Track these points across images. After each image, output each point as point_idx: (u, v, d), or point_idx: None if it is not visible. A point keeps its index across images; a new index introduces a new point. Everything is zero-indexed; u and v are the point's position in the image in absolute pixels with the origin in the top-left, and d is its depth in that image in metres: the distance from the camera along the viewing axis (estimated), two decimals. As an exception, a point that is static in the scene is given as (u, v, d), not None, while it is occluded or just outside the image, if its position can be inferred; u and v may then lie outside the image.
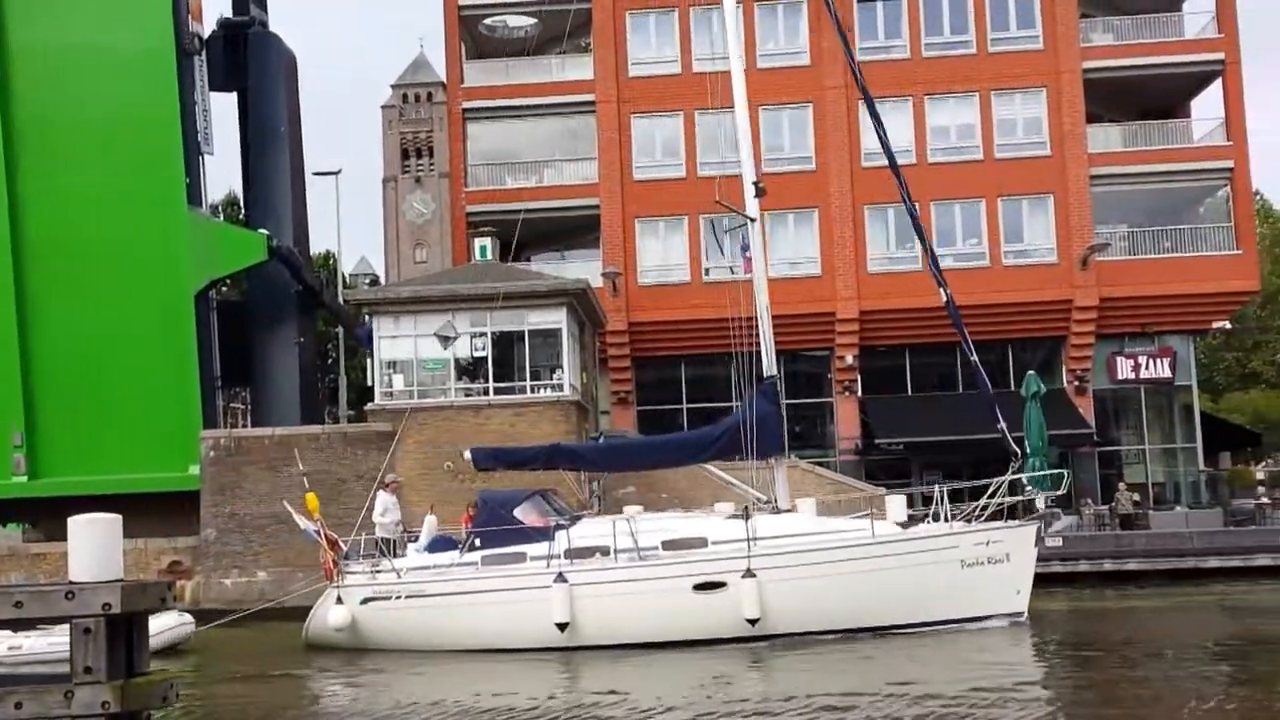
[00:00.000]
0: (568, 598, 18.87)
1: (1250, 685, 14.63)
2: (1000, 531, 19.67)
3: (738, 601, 18.66)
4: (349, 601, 19.92)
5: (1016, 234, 34.78)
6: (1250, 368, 60.14)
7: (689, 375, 35.96)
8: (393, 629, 19.89)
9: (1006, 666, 16.62)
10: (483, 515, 20.45)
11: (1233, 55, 34.65)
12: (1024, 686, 15.05)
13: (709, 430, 23.02)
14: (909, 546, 19.32)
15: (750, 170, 22.84)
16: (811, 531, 19.85)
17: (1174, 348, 35.29)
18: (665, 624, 18.86)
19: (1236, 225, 35.04)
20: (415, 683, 17.41)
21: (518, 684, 16.31)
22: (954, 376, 35.46)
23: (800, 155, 35.24)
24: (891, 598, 18.95)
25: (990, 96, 34.88)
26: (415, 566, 20.27)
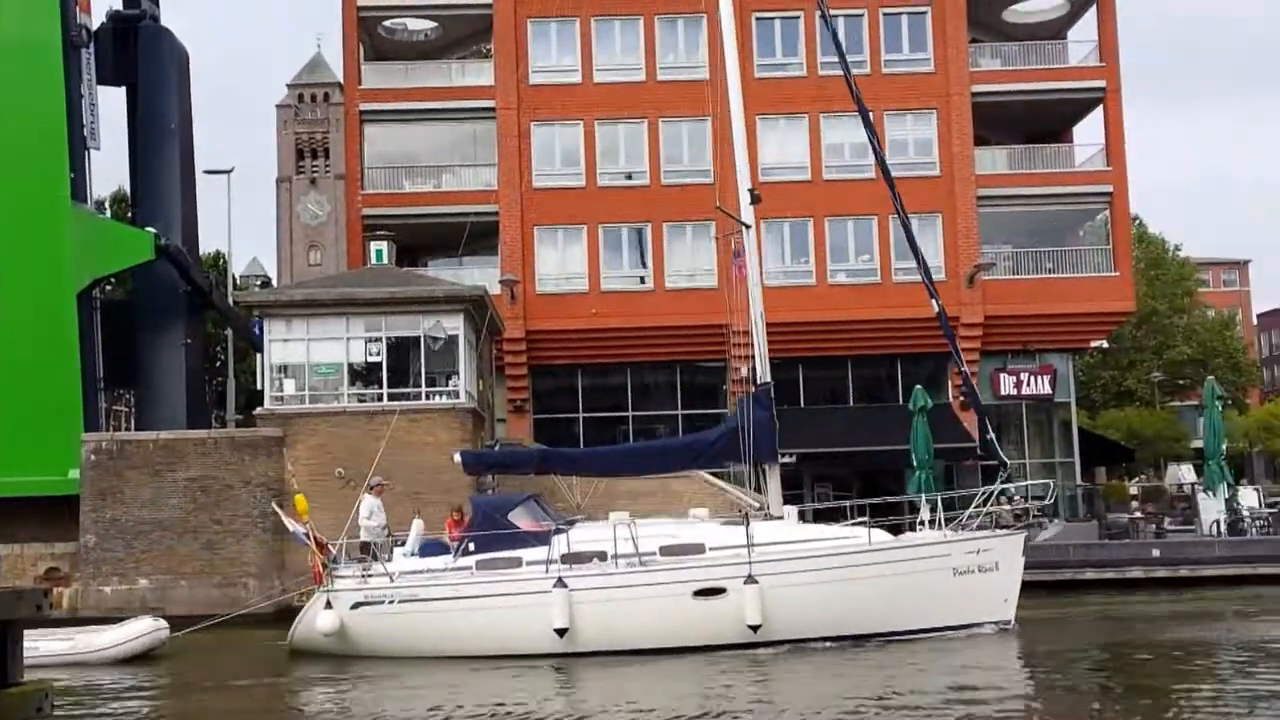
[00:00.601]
0: (567, 603, 18.59)
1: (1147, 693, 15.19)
2: (991, 540, 19.88)
3: (739, 608, 18.57)
4: (339, 606, 19.45)
5: (907, 251, 35.52)
6: (1125, 385, 62.41)
7: (586, 384, 36.07)
8: (384, 634, 19.44)
9: (1004, 673, 16.98)
10: (476, 519, 20.17)
11: (1114, 84, 36.02)
12: (1019, 691, 15.42)
13: (704, 436, 23.01)
14: (905, 554, 19.45)
15: (746, 178, 22.87)
16: (808, 538, 19.94)
17: (1054, 365, 36.53)
18: (665, 630, 18.70)
19: (1115, 248, 36.41)
20: (408, 690, 16.99)
21: (516, 691, 16.15)
22: (846, 389, 36.24)
23: (698, 168, 35.62)
24: (887, 605, 19.03)
25: (883, 116, 35.68)
26: (408, 570, 19.82)
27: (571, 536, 19.36)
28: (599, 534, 19.53)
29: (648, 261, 36.03)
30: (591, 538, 19.46)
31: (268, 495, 26.13)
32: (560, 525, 19.99)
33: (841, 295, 35.18)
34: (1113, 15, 36.39)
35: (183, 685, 18.46)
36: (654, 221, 35.32)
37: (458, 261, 37.10)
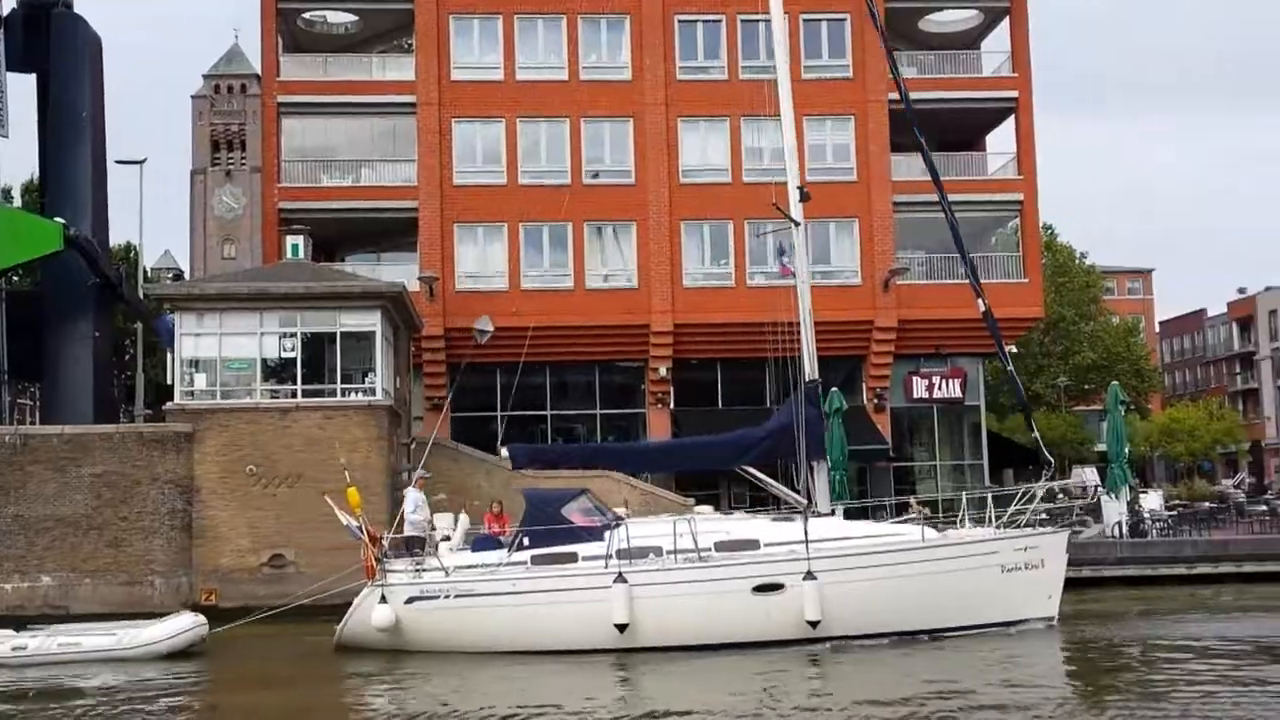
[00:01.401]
0: (628, 598, 18.48)
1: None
2: (1037, 538, 20.28)
3: (798, 604, 18.60)
4: (393, 601, 19.20)
5: (824, 255, 36.09)
6: (1033, 390, 63.86)
7: (504, 382, 35.91)
8: (439, 629, 19.25)
9: (1055, 670, 17.43)
10: (529, 513, 19.96)
11: (1025, 94, 36.86)
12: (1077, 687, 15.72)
13: (752, 432, 22.93)
14: (956, 551, 19.62)
15: (795, 175, 22.74)
16: (863, 535, 20.07)
17: (965, 369, 37.26)
18: (723, 626, 18.67)
19: (1025, 255, 37.23)
20: (469, 685, 16.86)
21: (578, 687, 16.13)
22: (762, 391, 36.54)
23: (620, 169, 35.76)
24: (939, 601, 19.21)
25: (802, 120, 36.04)
26: (463, 565, 19.65)
27: (624, 532, 19.28)
28: (653, 529, 19.53)
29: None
30: (646, 533, 19.41)
31: (176, 492, 25.73)
32: (611, 520, 20.00)
33: (760, 298, 35.45)
34: (1025, 27, 37.25)
35: (238, 681, 18.42)
36: (575, 221, 35.32)
37: (376, 258, 36.82)
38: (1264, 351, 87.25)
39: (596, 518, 20.14)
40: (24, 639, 19.49)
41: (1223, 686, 14.72)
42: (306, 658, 19.94)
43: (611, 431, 36.37)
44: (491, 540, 20.54)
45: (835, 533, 19.71)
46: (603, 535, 19.47)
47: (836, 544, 19.21)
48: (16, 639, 19.51)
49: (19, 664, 19.02)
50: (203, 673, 18.94)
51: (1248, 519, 33.60)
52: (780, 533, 19.61)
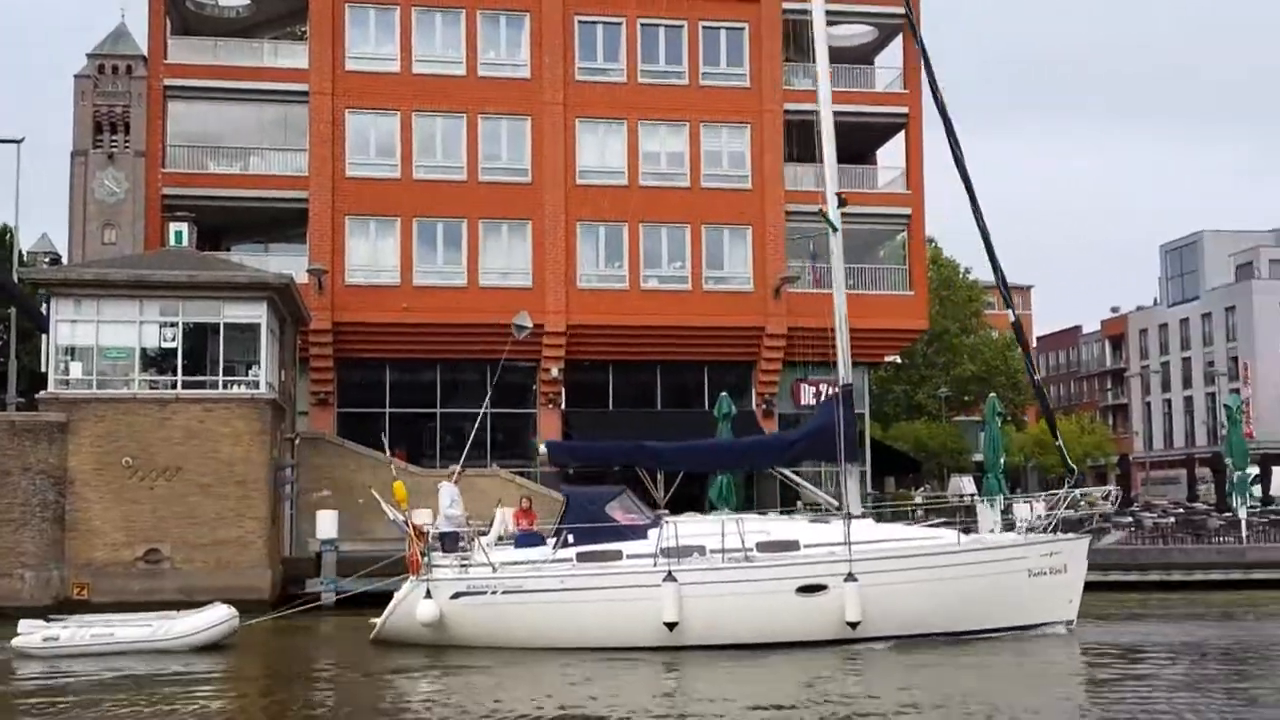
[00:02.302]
0: (677, 597, 18.49)
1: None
2: (1061, 543, 20.55)
3: (839, 604, 18.77)
4: (438, 596, 18.99)
5: (717, 261, 36.43)
6: (915, 400, 65.42)
7: (394, 379, 35.53)
8: (486, 625, 19.06)
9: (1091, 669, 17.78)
10: (572, 511, 19.93)
11: (916, 111, 37.67)
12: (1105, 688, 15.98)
13: (788, 435, 23.28)
14: (987, 555, 19.94)
15: (834, 182, 22.84)
16: (896, 538, 20.24)
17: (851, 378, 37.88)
18: (767, 625, 18.81)
19: (911, 268, 38.06)
20: (518, 682, 16.61)
21: (631, 683, 16.07)
22: (654, 393, 36.76)
23: (516, 167, 35.60)
24: (970, 603, 19.50)
25: (699, 127, 36.43)
26: (509, 561, 19.44)
27: (667, 531, 19.24)
28: (696, 529, 19.55)
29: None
30: (690, 532, 19.36)
31: (48, 483, 24.86)
32: (652, 519, 19.97)
33: (653, 301, 35.72)
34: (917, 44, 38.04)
35: (287, 675, 18.04)
36: (470, 218, 35.07)
37: (263, 248, 36.03)
38: (1134, 369, 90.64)
39: (637, 516, 20.18)
40: (55, 630, 19.08)
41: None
42: (346, 651, 19.72)
43: (502, 431, 36.16)
44: (534, 537, 20.45)
45: (871, 535, 19.91)
46: (645, 533, 19.52)
47: (875, 546, 19.46)
48: (48, 629, 19.08)
49: (51, 655, 18.58)
50: (247, 666, 18.76)
51: (1120, 530, 34.81)
52: (817, 534, 19.82)
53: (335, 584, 25.62)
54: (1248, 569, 28.23)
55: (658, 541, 19.11)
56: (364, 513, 30.08)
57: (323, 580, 25.85)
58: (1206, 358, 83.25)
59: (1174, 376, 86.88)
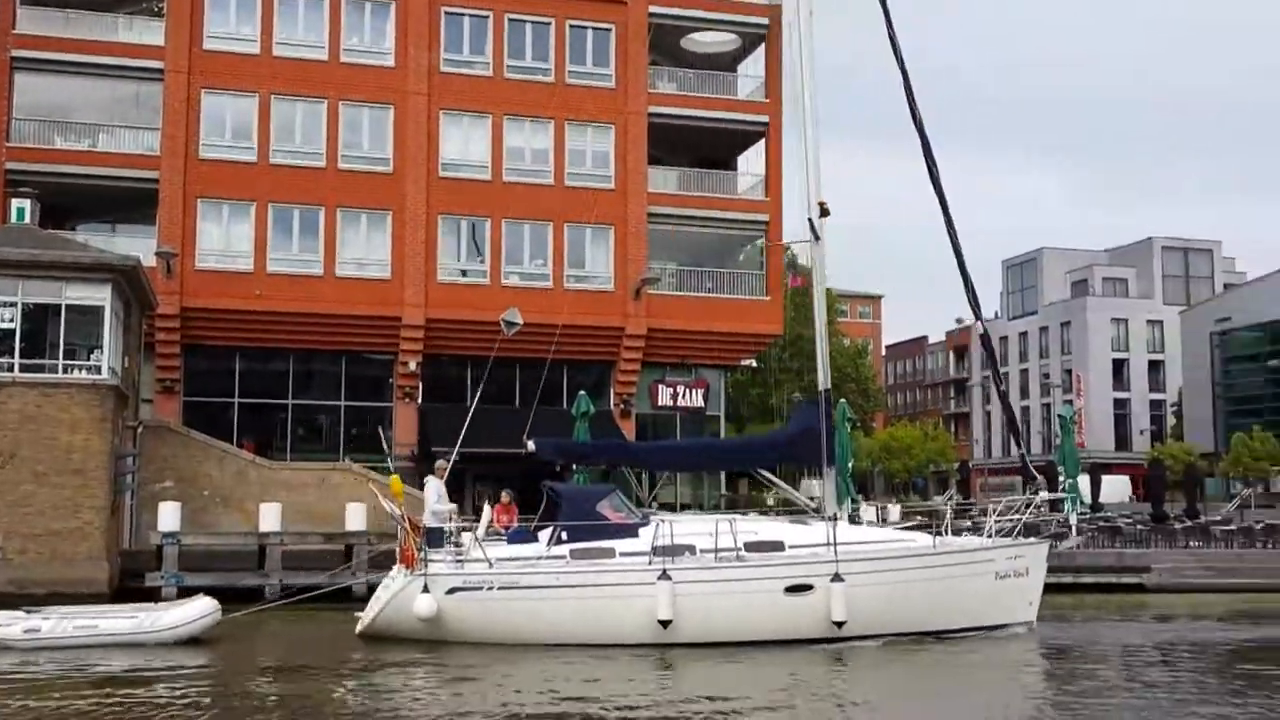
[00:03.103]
0: (671, 595, 18.81)
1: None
2: (1024, 547, 21.41)
3: (825, 604, 19.28)
4: (435, 590, 18.97)
5: (579, 260, 36.54)
6: (770, 404, 66.59)
7: (243, 368, 34.60)
8: (482, 621, 19.14)
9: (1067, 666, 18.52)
10: (563, 508, 20.16)
11: (776, 120, 38.40)
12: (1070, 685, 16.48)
13: (773, 437, 24.02)
14: (962, 558, 20.66)
15: (816, 191, 22.98)
16: (873, 540, 20.84)
17: (708, 380, 38.51)
18: (757, 624, 19.19)
19: (768, 274, 38.82)
20: (516, 675, 16.69)
21: (623, 680, 16.37)
22: (513, 390, 36.59)
23: (378, 156, 35.08)
24: (943, 604, 20.15)
25: (564, 125, 36.48)
26: (504, 557, 19.54)
27: (659, 530, 19.55)
28: (686, 528, 19.96)
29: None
30: (680, 532, 19.71)
31: None
32: (641, 518, 20.35)
33: (514, 297, 35.54)
34: (778, 54, 38.78)
35: (277, 669, 17.78)
36: (328, 206, 34.40)
37: (111, 228, 34.69)
38: (975, 379, 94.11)
39: (626, 514, 20.49)
40: (36, 621, 18.48)
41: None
42: (333, 645, 19.58)
43: (356, 425, 35.59)
44: (526, 533, 20.55)
45: (850, 537, 20.40)
46: (636, 532, 19.86)
47: (858, 548, 20.01)
48: (28, 621, 18.46)
49: (31, 647, 17.99)
50: (241, 659, 18.54)
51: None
52: (801, 535, 20.42)
53: (177, 578, 24.86)
54: (1077, 573, 29.54)
55: (652, 540, 19.49)
56: (208, 505, 29.34)
57: (163, 574, 25.05)
58: (1043, 370, 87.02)
59: (1012, 387, 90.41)
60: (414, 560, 19.46)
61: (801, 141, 23.18)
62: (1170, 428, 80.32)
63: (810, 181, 22.95)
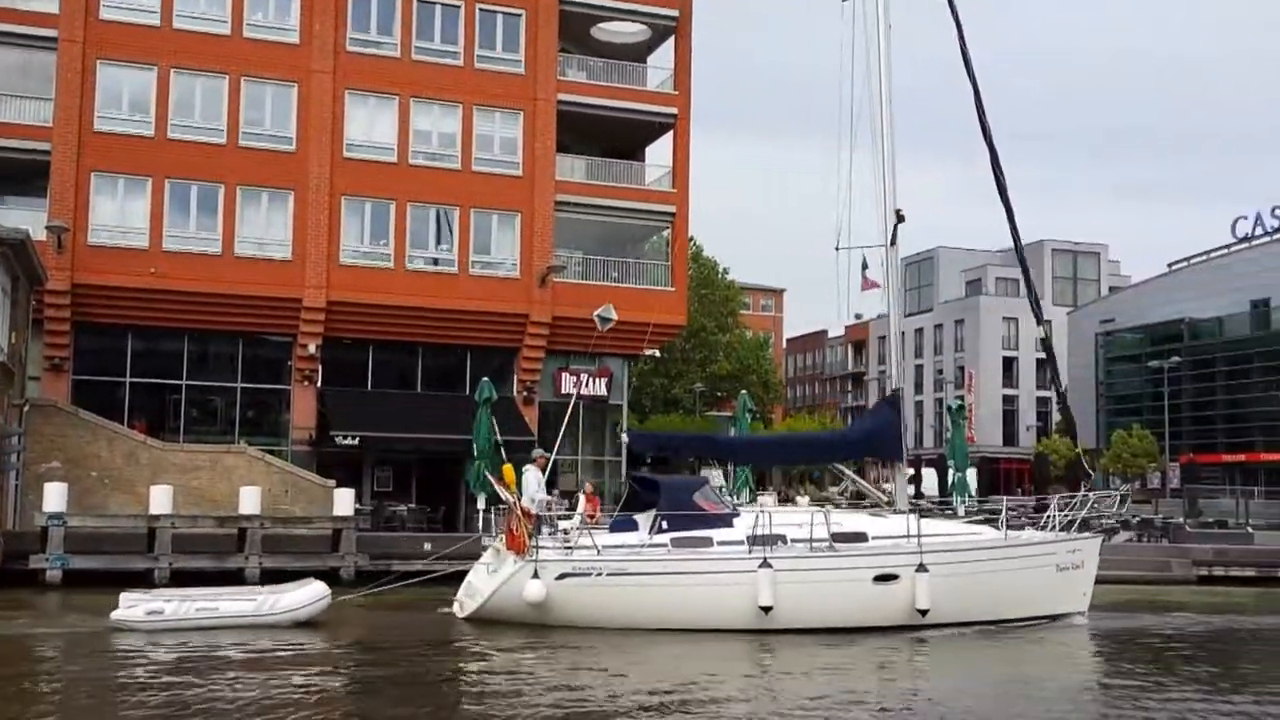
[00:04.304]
0: (772, 582, 19.59)
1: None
2: (1082, 541, 22.44)
3: (910, 593, 20.23)
4: (545, 576, 19.56)
5: (485, 245, 36.35)
6: (672, 394, 67.14)
7: (136, 347, 33.72)
8: (589, 606, 19.71)
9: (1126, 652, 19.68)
10: (664, 499, 20.76)
11: (684, 112, 38.62)
12: None
13: (845, 433, 26.39)
14: (1029, 550, 21.74)
15: (892, 198, 23.99)
16: (946, 533, 21.91)
17: (611, 369, 38.61)
18: (847, 611, 20.06)
19: (673, 265, 39.04)
20: (628, 661, 17.14)
21: (745, 660, 17.31)
22: (414, 375, 36.33)
23: (281, 134, 34.44)
24: (1013, 594, 21.22)
25: (473, 110, 36.22)
26: (610, 545, 20.24)
27: (763, 520, 20.49)
28: (779, 519, 20.86)
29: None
30: (774, 522, 20.60)
31: None
32: (732, 509, 21.41)
33: (418, 282, 35.32)
34: (688, 47, 39.06)
35: (397, 651, 17.86)
36: (228, 183, 33.68)
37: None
38: (872, 373, 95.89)
39: (719, 505, 21.36)
40: (159, 603, 18.73)
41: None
42: (440, 628, 20.01)
43: (253, 408, 34.98)
44: (629, 521, 21.07)
45: (927, 529, 21.34)
46: (730, 522, 20.70)
47: (938, 539, 21.10)
48: (152, 603, 18.70)
49: (154, 629, 18.22)
50: (358, 641, 18.86)
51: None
52: (879, 527, 21.48)
53: (63, 560, 24.23)
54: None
55: (752, 529, 20.31)
56: (96, 486, 28.63)
57: (49, 556, 24.39)
58: (937, 366, 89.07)
59: (907, 382, 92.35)
60: (524, 547, 19.96)
61: (879, 151, 24.28)
62: (1055, 424, 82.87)
63: (886, 187, 24.12)
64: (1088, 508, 23.31)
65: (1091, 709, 14.31)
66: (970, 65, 24.17)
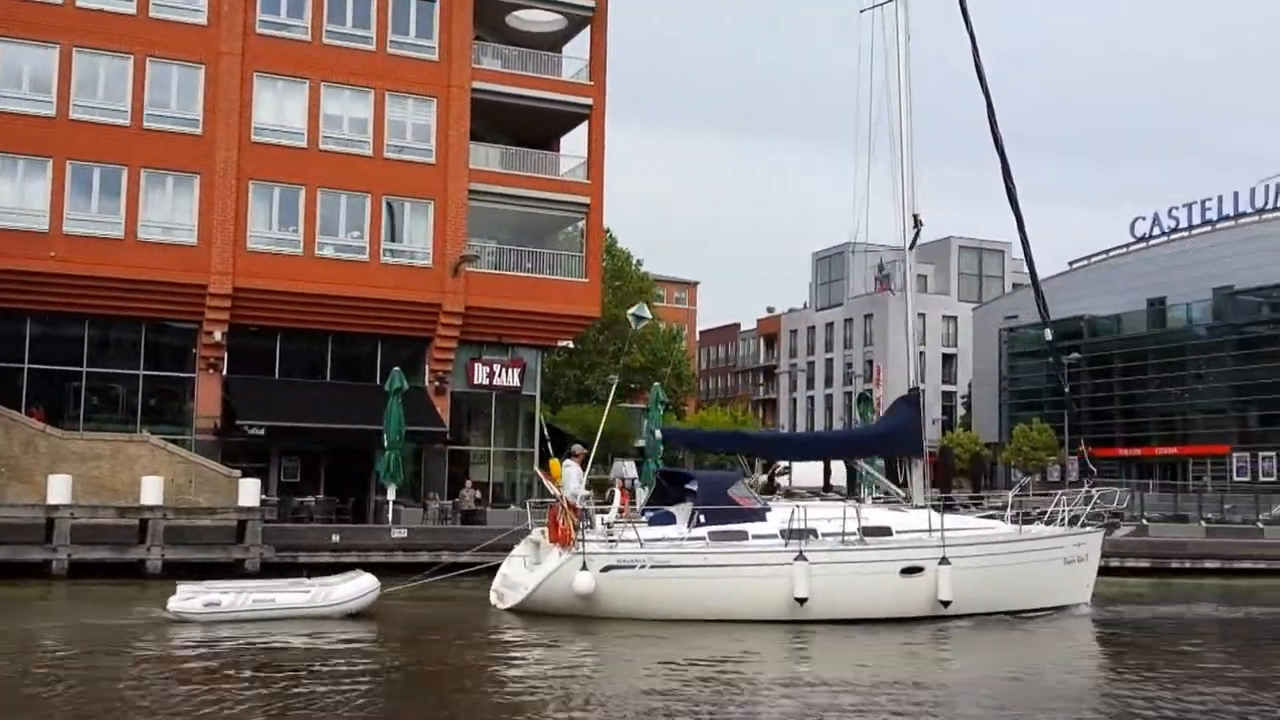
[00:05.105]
0: (808, 575, 20.33)
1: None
2: (1086, 535, 23.64)
3: (933, 585, 21.12)
4: (592, 568, 19.98)
5: (397, 234, 35.96)
6: (586, 385, 67.12)
7: (35, 333, 32.66)
8: (633, 597, 20.19)
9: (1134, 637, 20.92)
10: (702, 494, 21.52)
11: (600, 103, 38.57)
12: None
13: (866, 431, 27.50)
14: (1039, 544, 22.79)
15: (910, 204, 24.83)
16: (969, 527, 22.84)
17: (525, 360, 38.46)
18: (876, 601, 20.82)
19: (587, 256, 38.98)
20: (683, 646, 17.55)
21: (776, 651, 18.03)
22: (324, 364, 35.82)
23: (187, 117, 33.67)
24: (1024, 585, 22.21)
25: (385, 96, 35.77)
26: (652, 538, 20.77)
27: (780, 515, 21.35)
28: (812, 514, 21.50)
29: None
30: (804, 517, 21.25)
31: None
32: (764, 504, 22.09)
33: (328, 269, 34.82)
34: (604, 38, 38.99)
35: (451, 643, 18.33)
36: (131, 166, 32.85)
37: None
38: (784, 366, 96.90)
39: (751, 499, 22.05)
40: (216, 595, 18.95)
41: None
42: (486, 619, 20.40)
43: (155, 396, 34.20)
44: (666, 515, 21.60)
45: (946, 524, 22.19)
46: (764, 516, 21.45)
47: (958, 534, 21.98)
48: (209, 595, 18.92)
49: (212, 620, 18.42)
50: (416, 632, 19.19)
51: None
52: (901, 521, 22.28)
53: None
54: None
55: (789, 523, 21.03)
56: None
57: (-60, 549, 23.59)
58: (846, 360, 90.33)
59: (818, 375, 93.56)
60: (570, 540, 20.38)
61: (898, 157, 25.16)
62: (960, 418, 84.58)
63: (905, 195, 24.98)
64: (1091, 504, 24.35)
65: (1095, 697, 14.99)
66: (984, 78, 25.15)
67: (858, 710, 13.26)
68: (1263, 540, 37.71)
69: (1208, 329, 65.90)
